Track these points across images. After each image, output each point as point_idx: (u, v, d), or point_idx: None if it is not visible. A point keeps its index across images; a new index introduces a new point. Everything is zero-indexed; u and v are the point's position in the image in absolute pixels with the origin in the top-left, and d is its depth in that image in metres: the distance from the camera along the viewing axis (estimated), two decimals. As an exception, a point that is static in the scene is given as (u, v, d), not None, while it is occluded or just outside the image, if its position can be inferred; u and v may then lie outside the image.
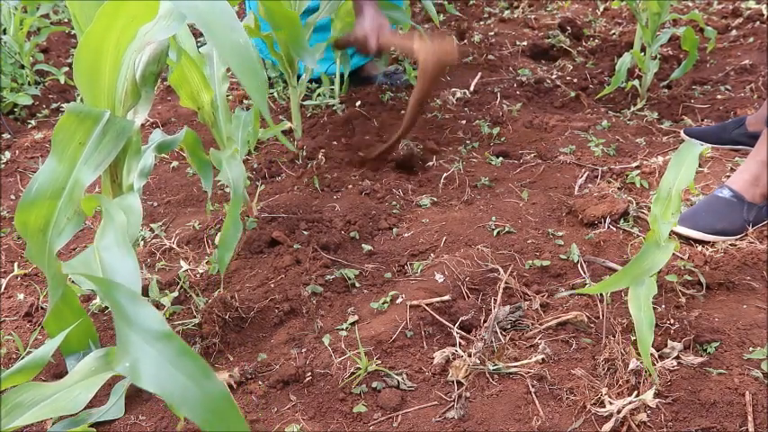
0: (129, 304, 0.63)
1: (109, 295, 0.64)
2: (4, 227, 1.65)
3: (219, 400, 0.56)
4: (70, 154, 0.82)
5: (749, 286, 1.28)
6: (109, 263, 0.80)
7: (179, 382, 0.57)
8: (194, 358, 0.58)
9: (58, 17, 3.34)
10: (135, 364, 0.59)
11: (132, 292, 0.64)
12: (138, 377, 0.58)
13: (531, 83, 2.38)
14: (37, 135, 2.15)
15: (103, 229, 0.85)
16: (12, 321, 1.30)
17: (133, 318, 0.61)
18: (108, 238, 0.83)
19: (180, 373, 0.57)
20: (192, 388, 0.56)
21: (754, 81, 2.25)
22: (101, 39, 0.80)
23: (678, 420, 0.98)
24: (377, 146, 1.74)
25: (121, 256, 0.81)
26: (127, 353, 0.59)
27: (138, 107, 0.92)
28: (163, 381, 0.57)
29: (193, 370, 0.57)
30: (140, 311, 0.62)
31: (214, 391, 0.57)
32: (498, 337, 1.15)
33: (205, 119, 1.40)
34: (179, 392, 0.56)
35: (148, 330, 0.61)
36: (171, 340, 0.59)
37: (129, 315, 0.62)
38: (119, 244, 0.82)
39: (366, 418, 1.03)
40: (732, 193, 1.46)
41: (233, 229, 1.26)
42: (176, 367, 0.58)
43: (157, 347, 0.59)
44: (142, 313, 0.62)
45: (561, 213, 1.58)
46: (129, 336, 0.60)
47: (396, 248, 1.47)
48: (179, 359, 0.58)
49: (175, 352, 0.59)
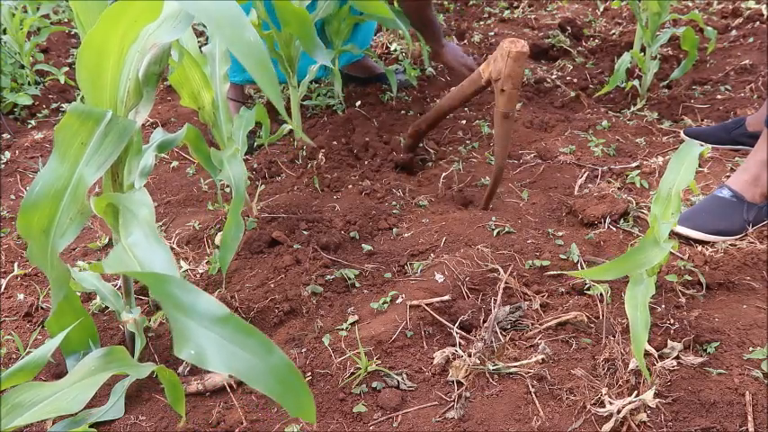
0: (182, 293, 0.64)
1: (160, 288, 0.65)
2: (4, 227, 1.65)
3: (285, 371, 0.60)
4: (72, 154, 0.82)
5: (749, 286, 1.28)
6: (143, 257, 0.81)
7: (245, 360, 0.60)
8: (256, 335, 0.61)
9: (57, 17, 3.34)
10: (200, 350, 0.61)
11: (183, 282, 0.66)
12: (204, 361, 0.61)
13: (531, 83, 2.38)
14: (37, 135, 2.15)
15: (127, 226, 0.85)
16: (12, 321, 1.30)
17: (189, 305, 0.63)
18: (135, 233, 0.83)
19: (245, 352, 0.60)
20: (258, 364, 0.60)
21: (754, 81, 2.25)
22: (104, 39, 0.80)
23: (678, 420, 0.98)
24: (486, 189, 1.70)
25: (154, 248, 0.82)
26: (188, 340, 0.61)
27: (140, 107, 0.92)
28: (230, 361, 0.60)
29: (257, 347, 0.61)
30: (196, 298, 0.64)
31: (279, 364, 0.60)
32: (498, 337, 1.15)
33: (206, 118, 1.40)
34: (247, 369, 0.60)
35: (207, 315, 0.63)
36: (230, 322, 0.62)
37: (184, 304, 0.64)
38: (148, 237, 0.83)
39: (366, 418, 1.04)
40: (732, 193, 1.46)
41: (235, 229, 1.26)
42: (240, 346, 0.61)
43: (219, 331, 0.62)
44: (197, 300, 0.64)
45: (561, 213, 1.58)
46: (188, 323, 0.62)
47: (396, 248, 1.47)
48: (241, 338, 0.61)
49: (237, 332, 0.61)
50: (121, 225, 0.86)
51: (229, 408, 1.07)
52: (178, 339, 0.62)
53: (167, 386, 0.92)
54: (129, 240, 0.83)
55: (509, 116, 1.46)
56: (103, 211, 0.94)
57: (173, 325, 0.63)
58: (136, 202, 0.88)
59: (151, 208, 0.90)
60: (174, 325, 0.63)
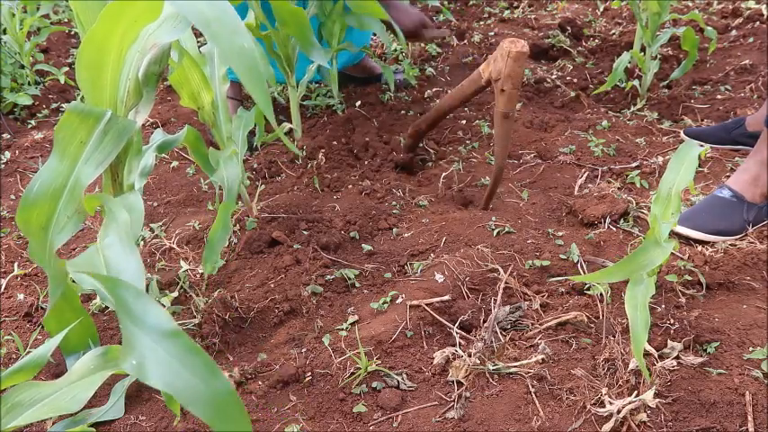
0: (134, 302, 0.63)
1: (114, 293, 0.64)
2: (4, 227, 1.65)
3: (226, 398, 0.57)
4: (72, 153, 0.82)
5: (749, 286, 1.28)
6: (113, 261, 0.81)
7: (186, 379, 0.57)
8: (201, 356, 0.58)
9: (57, 17, 3.34)
10: (142, 362, 0.58)
11: (138, 290, 0.64)
12: (144, 375, 0.58)
13: (531, 83, 2.38)
14: (37, 135, 2.15)
15: (106, 228, 0.85)
16: (12, 321, 1.30)
17: (140, 315, 0.61)
18: (111, 236, 0.83)
19: (187, 371, 0.57)
20: (199, 386, 0.57)
21: (754, 81, 2.25)
22: (104, 38, 0.80)
23: (678, 420, 0.98)
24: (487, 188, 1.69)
25: (125, 254, 0.81)
26: (133, 350, 0.59)
27: (140, 107, 0.92)
28: (170, 378, 0.57)
29: (201, 368, 0.58)
30: (147, 309, 0.62)
31: (221, 390, 0.57)
32: (498, 337, 1.15)
33: (205, 119, 1.40)
34: (186, 390, 0.57)
35: (155, 328, 0.61)
36: (178, 338, 0.60)
37: (135, 312, 0.62)
38: (122, 242, 0.82)
39: (366, 418, 1.03)
40: (732, 193, 1.46)
41: (221, 230, 1.24)
42: (184, 365, 0.58)
43: (164, 345, 0.59)
44: (148, 310, 0.62)
45: (561, 213, 1.58)
46: (136, 333, 0.60)
47: (396, 248, 1.47)
48: (186, 357, 0.58)
49: (183, 349, 0.59)
50: (102, 226, 0.86)
51: (229, 408, 1.07)
52: (124, 347, 0.60)
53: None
54: (103, 242, 0.82)
55: (509, 116, 1.46)
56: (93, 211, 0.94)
57: (122, 332, 0.61)
58: (120, 205, 0.87)
59: (137, 213, 0.90)
60: (123, 331, 0.61)
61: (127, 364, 0.58)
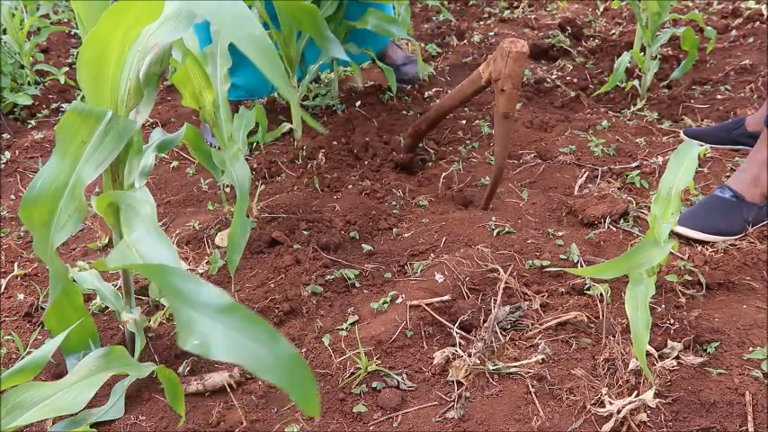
0: (185, 285, 0.64)
1: (164, 280, 0.65)
2: (4, 227, 1.65)
3: (291, 361, 0.60)
4: (73, 152, 0.82)
5: (749, 286, 1.28)
6: (147, 253, 0.81)
7: (251, 349, 0.60)
8: (261, 324, 0.61)
9: (58, 17, 3.34)
10: (204, 341, 0.61)
11: (186, 273, 0.65)
12: (210, 351, 0.60)
13: (531, 83, 2.38)
14: (37, 135, 2.15)
15: (130, 223, 0.85)
16: (12, 321, 1.30)
17: (193, 297, 0.63)
18: (138, 230, 0.83)
19: (250, 341, 0.60)
20: (264, 353, 0.59)
21: (754, 81, 2.25)
22: (105, 38, 0.80)
23: (678, 420, 0.98)
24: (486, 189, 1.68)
25: (157, 244, 0.82)
26: (193, 332, 0.61)
27: (140, 107, 0.92)
28: (235, 351, 0.60)
29: (263, 336, 0.60)
30: (199, 289, 0.64)
31: (285, 354, 0.60)
32: (498, 337, 1.15)
33: (206, 118, 1.40)
34: (253, 359, 0.59)
35: (211, 306, 0.63)
36: (236, 311, 0.62)
37: (187, 295, 0.64)
38: (150, 233, 0.83)
39: (366, 418, 1.04)
40: (732, 193, 1.46)
41: (241, 229, 1.25)
42: (246, 336, 0.60)
43: (223, 320, 0.62)
44: (201, 290, 0.64)
45: (561, 213, 1.58)
46: (192, 315, 0.62)
47: (396, 248, 1.47)
48: (247, 327, 0.61)
49: (242, 321, 0.61)
50: (123, 223, 0.86)
51: (229, 408, 1.07)
52: (182, 330, 0.62)
53: (167, 386, 0.92)
54: (132, 237, 0.83)
55: (509, 116, 1.46)
56: (105, 210, 0.94)
57: (176, 316, 0.63)
58: (138, 199, 0.88)
59: (153, 206, 0.90)
60: (177, 316, 0.63)
61: (189, 345, 0.60)
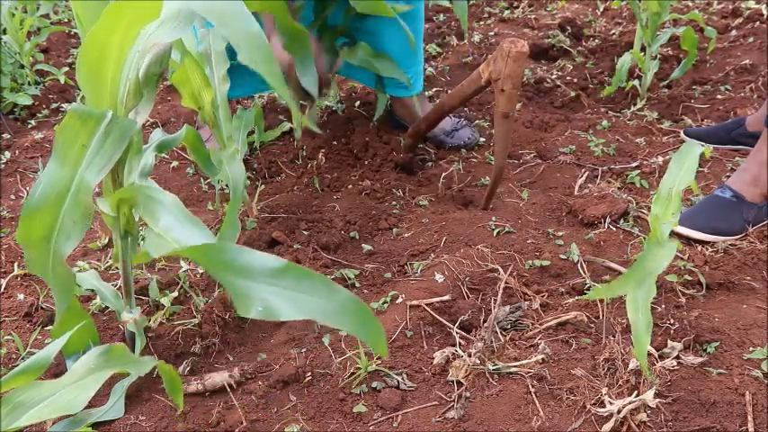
0: (236, 257, 0.66)
1: (214, 258, 0.67)
2: (5, 227, 1.65)
3: (352, 305, 0.63)
4: (73, 156, 0.81)
5: (749, 286, 1.28)
6: (183, 238, 0.81)
7: (313, 302, 0.63)
8: (316, 277, 0.64)
9: (57, 17, 3.33)
10: (267, 305, 0.63)
11: (233, 246, 0.67)
12: (275, 313, 0.63)
13: (531, 83, 2.38)
14: (37, 135, 2.15)
15: (153, 214, 0.84)
16: (12, 321, 1.30)
17: (245, 266, 0.65)
18: (165, 218, 0.83)
19: (310, 296, 0.63)
20: (326, 303, 0.62)
21: (754, 81, 2.25)
22: (104, 39, 0.80)
23: (678, 420, 0.98)
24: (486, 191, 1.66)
25: (191, 227, 0.82)
26: (253, 300, 0.64)
27: (140, 107, 0.92)
28: (298, 307, 0.63)
29: (320, 287, 0.63)
30: (249, 258, 0.66)
31: (345, 299, 0.63)
32: (498, 337, 1.15)
33: (206, 118, 1.40)
34: (317, 311, 0.62)
35: (264, 270, 0.65)
36: (288, 270, 0.64)
37: (239, 265, 0.66)
38: (180, 219, 0.83)
39: (366, 418, 1.04)
40: (732, 193, 1.46)
41: (231, 230, 1.25)
42: (305, 291, 0.63)
43: (280, 282, 0.64)
44: (251, 258, 0.66)
45: (561, 213, 1.58)
46: (248, 284, 0.65)
47: (396, 248, 1.47)
48: (303, 283, 0.64)
49: (297, 278, 0.64)
50: (145, 215, 0.85)
51: (229, 408, 1.07)
52: (240, 302, 0.64)
53: (166, 378, 0.92)
54: (160, 226, 0.82)
55: (509, 116, 1.46)
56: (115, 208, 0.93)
57: (231, 290, 0.65)
58: (157, 190, 0.87)
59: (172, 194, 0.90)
60: (232, 290, 0.65)
61: (253, 313, 0.63)
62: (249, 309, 0.64)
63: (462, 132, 1.94)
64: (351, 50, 1.81)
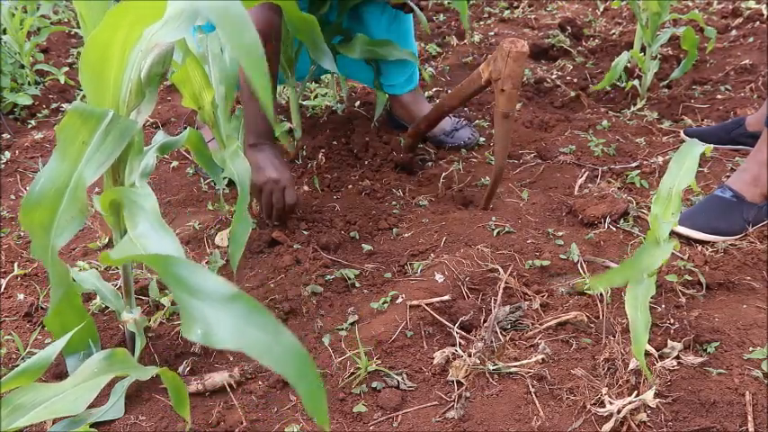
0: (190, 275, 0.65)
1: (168, 270, 0.66)
2: (4, 227, 1.65)
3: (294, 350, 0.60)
4: (73, 153, 0.82)
5: (749, 286, 1.28)
6: (152, 247, 0.81)
7: (255, 337, 0.60)
8: (265, 314, 0.62)
9: (58, 17, 3.34)
10: (208, 330, 0.62)
11: (190, 263, 0.66)
12: (212, 340, 0.61)
13: (531, 83, 2.38)
14: (37, 135, 2.15)
15: (134, 218, 0.85)
16: (12, 321, 1.30)
17: (198, 286, 0.64)
18: (142, 224, 0.83)
19: (255, 329, 0.61)
20: (268, 340, 0.60)
21: (754, 81, 2.25)
22: (107, 39, 0.80)
23: (678, 420, 0.98)
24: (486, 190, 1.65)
25: (162, 238, 0.82)
26: (196, 321, 0.62)
27: (142, 107, 0.92)
28: (239, 338, 0.61)
29: (267, 325, 0.61)
30: (204, 279, 0.65)
31: (288, 343, 0.60)
32: (498, 337, 1.15)
33: (205, 119, 1.40)
34: (257, 346, 0.60)
35: (215, 295, 0.63)
36: (239, 299, 0.63)
37: (192, 285, 0.64)
38: (155, 228, 0.83)
39: (366, 418, 1.04)
40: (732, 193, 1.46)
41: (242, 225, 1.26)
42: (250, 324, 0.61)
43: (227, 310, 0.62)
44: (205, 280, 0.64)
45: (561, 213, 1.58)
46: (196, 304, 0.63)
47: (396, 248, 1.47)
48: (251, 316, 0.61)
49: (246, 310, 0.62)
50: (127, 218, 0.85)
51: (229, 408, 1.07)
52: (185, 320, 0.63)
53: (171, 389, 0.92)
54: (136, 232, 0.83)
55: (509, 116, 1.46)
56: (107, 208, 0.93)
57: (180, 306, 0.64)
58: (141, 194, 0.88)
59: (155, 200, 0.90)
60: (181, 306, 0.64)
61: (192, 334, 0.62)
62: (190, 329, 0.62)
63: (462, 132, 1.94)
64: (349, 45, 1.83)
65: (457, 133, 1.94)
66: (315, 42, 1.60)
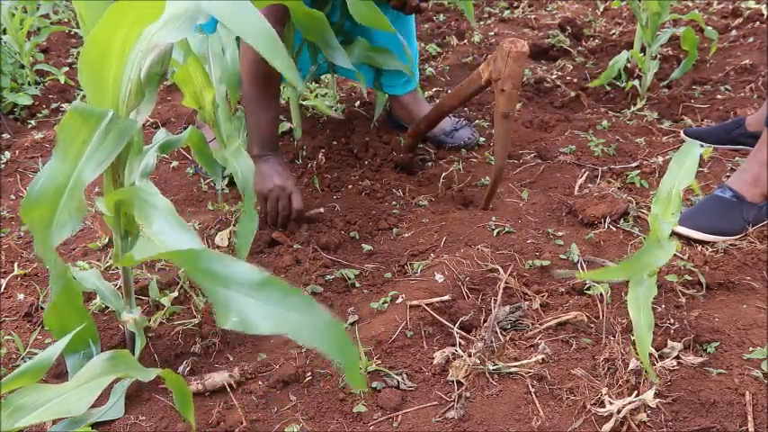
0: (219, 265, 0.66)
1: (196, 264, 0.66)
2: (4, 227, 1.65)
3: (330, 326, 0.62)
4: (74, 152, 0.82)
5: (749, 286, 1.28)
6: (171, 243, 0.81)
7: (292, 320, 0.62)
8: (298, 295, 0.63)
9: (58, 17, 3.33)
10: (244, 317, 0.63)
11: (217, 254, 0.67)
12: (251, 326, 0.62)
13: (531, 83, 2.38)
14: (37, 135, 2.15)
15: (148, 218, 0.84)
16: (12, 321, 1.30)
17: (228, 276, 0.65)
18: (158, 222, 0.83)
19: (290, 311, 0.62)
20: (305, 320, 0.62)
21: (754, 81, 2.25)
22: (107, 38, 0.80)
23: (678, 420, 0.98)
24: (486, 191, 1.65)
25: (180, 233, 0.82)
26: (230, 310, 0.63)
27: (141, 107, 0.92)
28: (276, 322, 0.62)
29: (300, 305, 0.62)
30: (233, 268, 0.65)
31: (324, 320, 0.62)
32: (498, 337, 1.15)
33: (206, 118, 1.40)
34: (294, 328, 0.61)
35: (246, 282, 0.64)
36: (271, 284, 0.64)
37: (222, 275, 0.65)
38: (171, 224, 0.83)
39: (366, 418, 1.04)
40: (732, 193, 1.46)
41: (249, 222, 1.27)
42: (284, 307, 0.62)
43: (260, 295, 0.64)
44: (235, 269, 0.65)
45: (561, 213, 1.58)
46: (228, 293, 0.64)
47: (396, 248, 1.47)
48: (285, 299, 0.63)
49: (280, 293, 0.63)
50: (140, 217, 0.85)
51: (229, 408, 1.07)
52: (219, 311, 0.64)
53: (176, 392, 0.92)
54: (152, 229, 0.82)
55: (509, 116, 1.46)
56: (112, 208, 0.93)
57: (212, 298, 0.65)
58: (152, 193, 0.88)
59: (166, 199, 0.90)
60: (213, 298, 0.64)
61: (229, 324, 0.63)
62: (226, 319, 0.63)
63: (462, 132, 1.94)
64: (348, 48, 1.82)
65: (457, 133, 1.93)
66: (325, 39, 1.60)
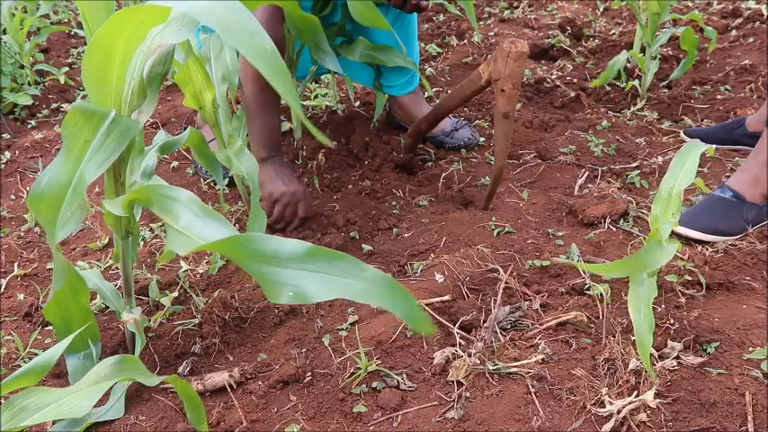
0: (263, 245, 0.67)
1: (242, 248, 0.67)
2: (4, 227, 1.65)
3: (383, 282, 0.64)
4: (76, 151, 0.83)
5: (749, 286, 1.28)
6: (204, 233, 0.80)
7: (344, 283, 0.64)
8: (345, 258, 0.65)
9: (58, 17, 3.34)
10: (298, 289, 0.65)
11: (257, 235, 0.68)
12: (307, 296, 0.65)
13: (531, 83, 2.38)
14: (37, 135, 2.15)
15: (172, 213, 0.83)
16: (12, 321, 1.30)
17: (276, 253, 0.67)
18: (185, 215, 0.82)
19: (341, 276, 0.65)
20: (357, 283, 0.64)
21: (754, 81, 2.25)
22: (111, 40, 0.81)
23: (678, 420, 0.98)
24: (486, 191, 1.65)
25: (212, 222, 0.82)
26: (283, 285, 0.65)
27: (143, 107, 0.92)
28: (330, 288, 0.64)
29: (350, 268, 0.65)
30: (277, 245, 0.67)
31: (376, 278, 0.64)
32: (498, 337, 1.15)
33: (206, 118, 1.40)
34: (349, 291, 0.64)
35: (294, 256, 0.66)
36: (318, 254, 0.66)
37: (270, 253, 0.67)
38: (200, 215, 0.82)
39: (366, 418, 1.04)
40: (732, 193, 1.46)
41: (259, 219, 1.28)
42: (335, 272, 0.65)
43: (309, 265, 0.66)
44: (279, 245, 0.67)
45: (561, 213, 1.58)
46: (279, 271, 0.66)
47: (396, 248, 1.47)
48: (334, 264, 0.65)
49: (327, 261, 0.65)
50: (162, 213, 0.84)
51: (229, 408, 1.07)
52: (271, 289, 0.65)
53: (186, 402, 0.93)
54: (180, 224, 0.81)
55: (509, 116, 1.46)
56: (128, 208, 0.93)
57: (260, 279, 0.66)
58: (172, 188, 0.87)
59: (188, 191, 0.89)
60: (261, 278, 0.66)
61: (284, 298, 0.65)
62: (280, 295, 0.65)
63: (462, 132, 1.94)
64: (350, 48, 1.82)
65: (457, 133, 1.94)
66: (317, 43, 1.61)
